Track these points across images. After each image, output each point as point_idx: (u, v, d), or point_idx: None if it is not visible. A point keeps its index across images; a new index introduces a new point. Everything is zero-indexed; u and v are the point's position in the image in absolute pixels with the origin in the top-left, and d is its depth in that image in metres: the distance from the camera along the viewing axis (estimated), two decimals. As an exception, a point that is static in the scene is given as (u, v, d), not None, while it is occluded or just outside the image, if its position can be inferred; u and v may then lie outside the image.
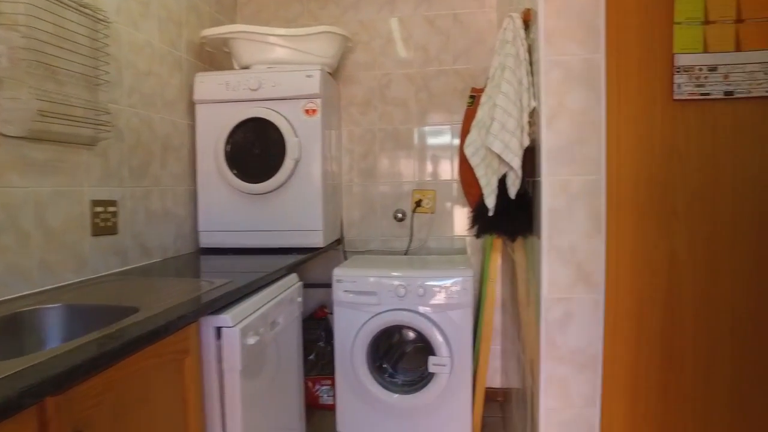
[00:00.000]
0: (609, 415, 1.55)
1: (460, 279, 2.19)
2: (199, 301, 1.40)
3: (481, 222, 1.78)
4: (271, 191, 2.38)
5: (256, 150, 2.37)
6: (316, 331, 2.80)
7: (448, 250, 2.75)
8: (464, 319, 2.21)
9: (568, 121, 1.51)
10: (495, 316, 2.66)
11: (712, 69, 1.49)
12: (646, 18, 1.50)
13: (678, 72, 1.49)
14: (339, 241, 2.82)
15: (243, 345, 1.49)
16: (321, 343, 2.78)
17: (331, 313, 2.42)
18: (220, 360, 1.47)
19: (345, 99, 2.81)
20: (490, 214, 1.69)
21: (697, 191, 1.50)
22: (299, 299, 2.09)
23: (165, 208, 2.20)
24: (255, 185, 2.36)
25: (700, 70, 1.49)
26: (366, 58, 2.78)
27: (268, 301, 1.76)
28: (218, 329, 1.46)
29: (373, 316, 2.25)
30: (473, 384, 2.26)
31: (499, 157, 1.63)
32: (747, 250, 1.49)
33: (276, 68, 2.40)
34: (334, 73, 2.73)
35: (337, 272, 2.33)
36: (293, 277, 2.08)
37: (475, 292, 2.37)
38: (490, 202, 1.68)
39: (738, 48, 1.49)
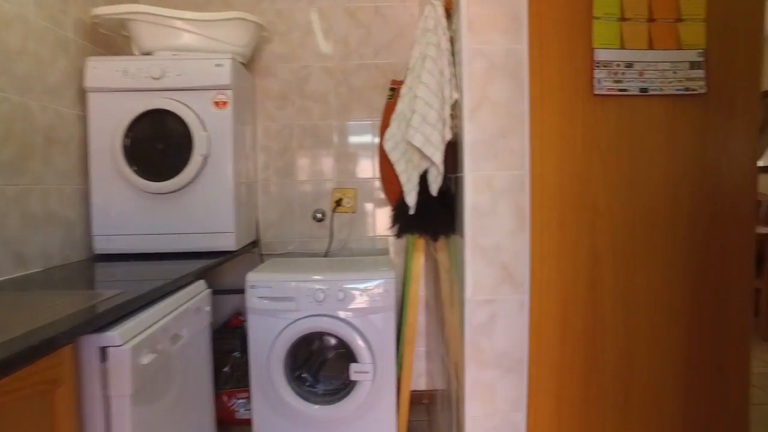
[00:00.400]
0: (535, 419, 1.48)
1: (381, 281, 2.06)
2: (76, 318, 1.16)
3: (402, 221, 1.66)
4: (176, 190, 2.13)
5: (159, 145, 2.11)
6: (231, 340, 2.56)
7: (370, 250, 2.62)
8: (387, 323, 2.08)
9: (491, 113, 1.42)
10: (419, 317, 2.56)
11: (629, 65, 1.46)
12: (568, 10, 1.44)
13: (598, 67, 1.45)
14: (255, 244, 2.61)
15: (135, 365, 1.26)
16: (237, 354, 2.55)
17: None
18: (105, 386, 1.23)
19: (261, 92, 2.60)
20: (411, 212, 1.58)
21: (617, 187, 1.46)
22: (207, 308, 1.86)
23: (48, 210, 1.89)
24: (158, 183, 2.10)
25: (618, 66, 1.46)
26: (283, 49, 2.59)
27: (169, 313, 1.53)
28: (103, 349, 1.22)
29: (290, 323, 2.07)
30: (398, 389, 2.14)
31: (420, 151, 1.52)
32: (661, 245, 1.48)
33: (182, 55, 2.15)
34: (249, 65, 2.52)
35: (251, 277, 2.12)
36: (200, 284, 1.85)
37: (398, 294, 2.25)
38: (411, 199, 1.57)
39: (651, 46, 1.47)
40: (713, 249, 1.50)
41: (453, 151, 1.57)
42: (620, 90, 1.45)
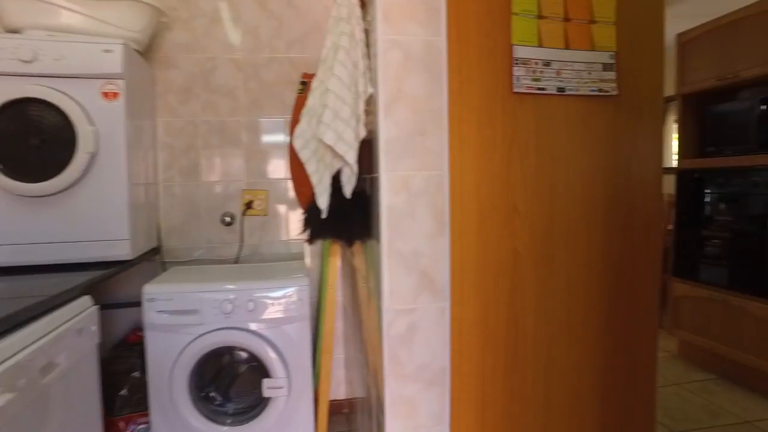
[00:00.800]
0: (457, 433, 1.39)
1: (295, 289, 1.89)
2: None
3: (314, 225, 1.51)
4: (58, 192, 1.82)
5: (33, 140, 1.80)
6: (130, 359, 2.26)
7: (284, 255, 2.43)
8: (302, 333, 1.91)
9: (408, 109, 1.30)
10: (337, 324, 2.42)
11: (547, 64, 1.41)
12: (487, 4, 1.36)
13: (517, 64, 1.38)
14: (156, 251, 2.33)
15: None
16: (137, 374, 2.26)
17: (145, 338, 1.95)
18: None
19: (161, 84, 2.33)
20: (324, 215, 1.43)
21: (536, 187, 1.40)
22: (94, 327, 1.60)
23: None
24: (33, 185, 1.78)
25: (536, 63, 1.40)
26: (187, 38, 2.34)
27: (40, 338, 1.27)
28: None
29: (194, 339, 1.84)
30: (315, 401, 1.98)
31: (332, 150, 1.37)
32: (578, 245, 1.44)
33: (60, 36, 1.85)
34: (146, 53, 2.24)
35: (149, 289, 1.87)
36: (85, 301, 1.58)
37: (314, 301, 2.09)
38: (323, 201, 1.42)
39: (567, 45, 1.43)
40: (626, 248, 1.49)
41: (368, 150, 1.44)
42: (539, 89, 1.39)
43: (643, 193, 1.48)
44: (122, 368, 2.21)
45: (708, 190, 2.66)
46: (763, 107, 2.40)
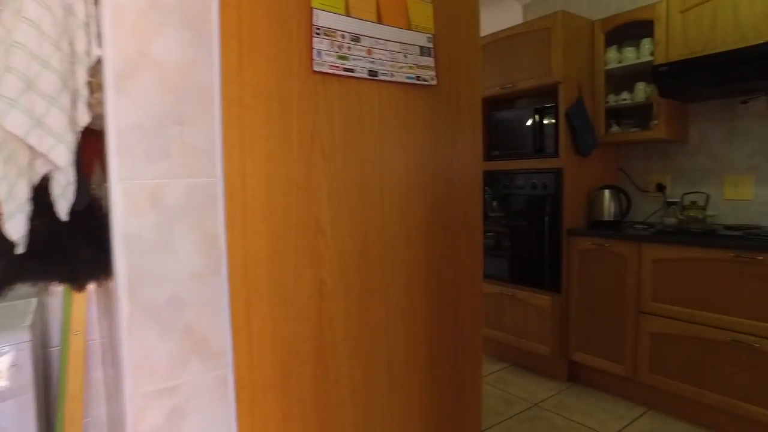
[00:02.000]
0: None
1: (8, 348, 1.20)
2: None
3: (3, 264, 0.88)
4: None
5: None
6: None
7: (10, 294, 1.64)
8: (22, 415, 1.23)
9: (156, 83, 0.80)
10: (96, 374, 1.73)
11: (356, 39, 1.04)
12: (273, -56, 0.93)
13: (318, 34, 0.98)
14: None
15: None
16: None
17: None
18: None
19: None
20: (20, 249, 0.83)
21: (345, 196, 1.04)
22: None
23: None
24: None
25: (343, 37, 1.03)
26: None
27: None
28: None
29: None
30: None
31: (26, 144, 0.79)
32: (398, 269, 1.12)
33: None
34: None
35: None
36: None
37: (47, 360, 1.41)
38: (17, 227, 0.82)
39: (379, 19, 1.09)
40: (449, 263, 1.23)
41: (100, 145, 0.89)
42: (346, 69, 1.02)
43: (463, 201, 1.24)
44: None
45: (490, 191, 2.70)
46: (536, 116, 2.48)
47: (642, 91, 2.32)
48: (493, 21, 3.06)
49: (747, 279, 1.76)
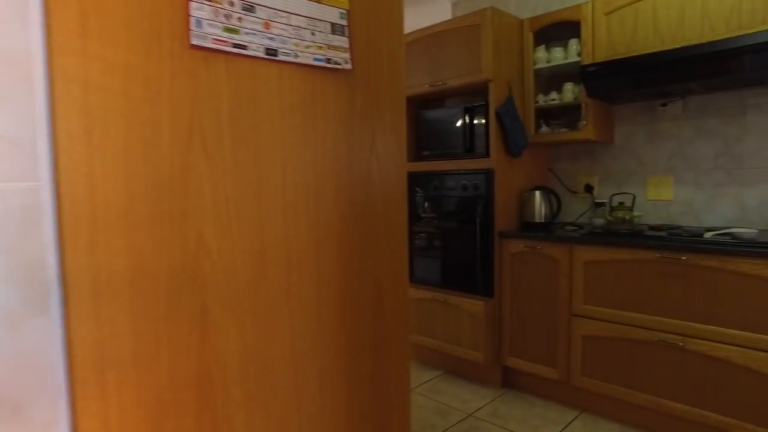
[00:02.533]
0: None
1: None
2: None
3: None
4: None
5: None
6: None
7: None
8: None
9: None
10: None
11: (249, 8, 0.83)
12: None
13: (194, -3, 0.76)
14: None
15: None
16: None
17: None
18: None
19: None
20: None
21: (234, 203, 0.82)
22: None
23: None
24: None
25: (232, 4, 0.81)
26: None
27: None
28: None
29: None
30: None
31: None
32: (305, 291, 0.92)
33: None
34: None
35: None
36: None
37: None
38: None
39: (280, -9, 0.88)
40: (369, 273, 1.04)
41: None
42: (236, 45, 0.81)
43: (385, 208, 1.06)
44: None
45: (421, 192, 2.56)
46: (467, 116, 2.38)
47: (570, 91, 2.27)
48: (421, 18, 2.93)
49: (671, 279, 1.73)
